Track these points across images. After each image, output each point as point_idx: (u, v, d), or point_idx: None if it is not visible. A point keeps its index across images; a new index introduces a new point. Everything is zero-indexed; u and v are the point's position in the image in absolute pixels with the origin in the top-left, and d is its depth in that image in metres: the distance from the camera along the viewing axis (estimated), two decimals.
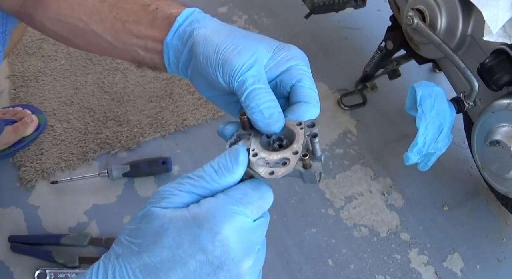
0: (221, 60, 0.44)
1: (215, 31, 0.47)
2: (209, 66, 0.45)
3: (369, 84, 1.30)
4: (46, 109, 1.20)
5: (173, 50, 0.50)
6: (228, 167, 0.40)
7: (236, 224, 0.37)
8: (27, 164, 1.09)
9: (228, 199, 0.38)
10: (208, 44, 0.45)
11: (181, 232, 0.36)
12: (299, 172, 0.39)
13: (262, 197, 0.39)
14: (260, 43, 0.45)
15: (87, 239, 0.96)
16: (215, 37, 0.46)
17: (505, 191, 0.86)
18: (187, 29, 0.49)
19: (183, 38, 0.49)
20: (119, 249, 0.38)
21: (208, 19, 0.50)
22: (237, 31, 0.47)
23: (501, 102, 0.80)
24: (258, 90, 0.42)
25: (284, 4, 1.57)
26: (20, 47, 1.35)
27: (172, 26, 0.50)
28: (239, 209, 0.37)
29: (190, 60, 0.50)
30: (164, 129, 1.18)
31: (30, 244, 0.97)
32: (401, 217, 1.07)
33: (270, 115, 0.42)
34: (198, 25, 0.49)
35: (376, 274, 0.98)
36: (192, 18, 0.50)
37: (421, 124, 0.83)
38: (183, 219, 0.37)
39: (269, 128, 0.42)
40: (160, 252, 0.36)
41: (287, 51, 0.45)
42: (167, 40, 0.50)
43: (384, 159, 1.17)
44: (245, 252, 0.37)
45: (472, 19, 0.87)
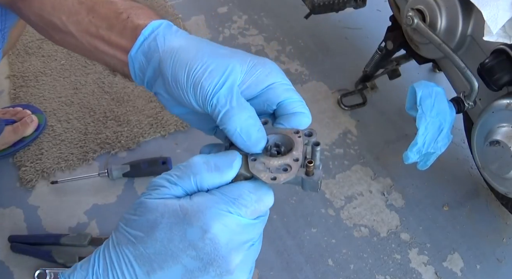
0: (192, 84, 0.42)
1: (183, 49, 0.45)
2: (180, 90, 0.43)
3: (369, 84, 1.30)
4: (46, 109, 1.20)
5: (138, 64, 0.49)
6: (220, 168, 0.40)
7: (227, 223, 0.37)
8: (27, 164, 1.09)
9: (222, 198, 0.38)
10: (176, 65, 0.44)
11: (172, 228, 0.38)
12: (301, 179, 0.40)
13: (260, 199, 0.39)
14: (231, 58, 0.43)
15: (87, 239, 0.96)
16: (183, 57, 0.44)
17: (505, 191, 0.85)
18: (152, 44, 0.47)
19: (147, 53, 0.47)
20: (117, 237, 0.40)
21: (174, 34, 0.47)
22: (206, 47, 0.45)
23: (501, 102, 0.80)
24: (232, 110, 0.41)
25: (284, 4, 1.57)
26: (20, 47, 1.35)
27: (137, 38, 0.48)
28: (232, 209, 0.38)
29: (155, 77, 0.48)
30: (164, 129, 1.18)
31: (30, 244, 0.97)
32: (401, 217, 1.07)
33: (248, 137, 0.41)
34: (164, 41, 0.46)
35: (376, 274, 0.98)
36: (158, 32, 0.47)
37: (421, 124, 0.83)
38: (175, 215, 0.38)
39: (250, 150, 0.42)
40: (153, 244, 0.38)
41: (262, 66, 0.44)
42: (131, 53, 0.48)
43: (384, 159, 1.17)
44: (235, 250, 0.38)
45: (472, 19, 0.87)
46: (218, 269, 0.37)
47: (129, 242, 0.39)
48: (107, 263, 0.39)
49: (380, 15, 1.50)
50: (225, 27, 1.48)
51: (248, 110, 0.42)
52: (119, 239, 0.39)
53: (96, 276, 0.39)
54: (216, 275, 0.38)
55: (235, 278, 0.38)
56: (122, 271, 0.38)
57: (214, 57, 0.43)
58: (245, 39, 1.44)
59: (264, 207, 0.40)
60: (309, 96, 1.29)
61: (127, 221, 0.40)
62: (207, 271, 0.37)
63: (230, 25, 1.49)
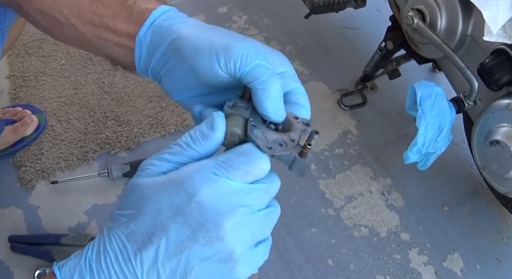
0: (222, 48, 0.41)
1: (199, 27, 0.45)
2: (201, 58, 0.43)
3: (369, 84, 1.30)
4: (46, 109, 1.20)
5: (146, 46, 0.48)
6: (204, 133, 0.39)
7: (215, 185, 0.37)
8: (27, 164, 1.09)
9: (208, 162, 0.38)
10: (197, 37, 0.43)
11: (159, 197, 0.37)
12: (292, 158, 0.40)
13: (251, 161, 0.38)
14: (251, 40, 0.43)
15: (87, 239, 0.96)
16: (203, 32, 0.44)
17: (505, 191, 0.86)
18: (164, 23, 0.47)
19: (158, 32, 0.47)
20: (110, 222, 0.39)
21: (185, 17, 0.49)
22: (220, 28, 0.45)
23: (501, 102, 0.80)
24: (274, 75, 0.41)
25: (284, 4, 1.57)
26: (20, 47, 1.35)
27: (146, 19, 0.48)
28: (219, 172, 0.37)
29: (165, 58, 0.47)
30: (164, 129, 1.18)
31: (30, 244, 0.97)
32: (401, 217, 1.07)
33: (278, 105, 0.41)
34: (176, 21, 0.47)
35: (376, 274, 0.98)
36: (169, 14, 0.49)
37: (421, 124, 0.83)
38: (161, 184, 0.38)
39: (272, 118, 0.41)
40: (143, 219, 0.37)
41: (276, 55, 0.45)
42: (140, 34, 0.48)
43: (384, 159, 1.17)
44: (225, 213, 0.36)
45: (472, 19, 0.87)
46: (207, 234, 0.36)
47: (121, 223, 0.38)
48: (100, 248, 0.38)
49: (380, 15, 1.50)
50: (225, 27, 1.48)
51: (280, 80, 0.41)
52: (112, 223, 0.39)
53: (89, 262, 0.38)
54: (206, 242, 0.36)
55: (228, 247, 0.36)
56: (115, 252, 0.37)
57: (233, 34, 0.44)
58: None
59: (257, 170, 0.39)
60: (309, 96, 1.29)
61: (118, 205, 0.39)
62: (196, 238, 0.36)
63: (230, 25, 1.49)
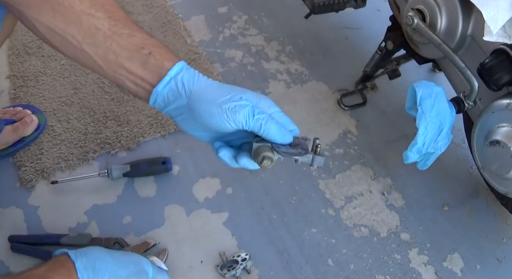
0: (231, 113, 0.55)
1: (207, 91, 0.57)
2: (215, 120, 0.56)
3: (369, 84, 1.30)
4: (46, 109, 1.20)
5: (162, 98, 0.59)
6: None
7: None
8: (27, 164, 1.09)
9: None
10: (210, 101, 0.56)
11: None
12: (311, 157, 0.59)
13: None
14: (246, 93, 0.58)
15: (87, 239, 0.96)
16: (212, 94, 0.56)
17: (505, 191, 0.86)
18: (179, 84, 0.58)
19: (175, 91, 0.58)
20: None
21: (196, 77, 0.58)
22: (222, 85, 0.58)
23: (501, 102, 0.80)
24: (270, 120, 0.57)
25: (284, 4, 1.57)
26: (20, 47, 1.35)
27: (163, 77, 0.57)
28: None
29: (180, 111, 0.59)
30: (164, 129, 1.18)
31: (30, 244, 0.97)
32: (401, 217, 1.07)
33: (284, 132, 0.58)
34: (189, 83, 0.58)
35: (376, 274, 0.98)
36: (183, 75, 0.58)
37: (421, 124, 0.83)
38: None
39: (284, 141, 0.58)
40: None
41: (265, 100, 0.59)
42: (158, 89, 0.58)
43: (384, 159, 1.17)
44: None
45: (472, 19, 0.87)
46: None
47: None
48: None
49: (380, 15, 1.50)
50: (225, 27, 1.48)
51: (275, 119, 0.58)
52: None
53: None
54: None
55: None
56: None
57: (235, 92, 0.57)
58: (245, 39, 1.45)
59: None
60: (309, 96, 1.29)
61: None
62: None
63: (230, 25, 1.49)
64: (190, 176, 1.11)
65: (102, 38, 0.57)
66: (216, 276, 0.94)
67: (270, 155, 0.56)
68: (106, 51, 0.57)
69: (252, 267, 0.95)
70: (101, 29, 0.57)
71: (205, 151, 1.15)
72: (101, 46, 0.57)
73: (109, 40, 0.57)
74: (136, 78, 0.59)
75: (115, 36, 0.57)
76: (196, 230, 1.01)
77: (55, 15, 0.57)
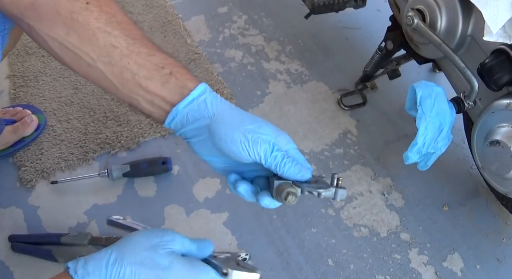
0: (252, 143, 0.54)
1: (231, 115, 0.56)
2: (235, 147, 0.54)
3: (369, 84, 1.30)
4: (46, 109, 1.20)
5: (181, 117, 0.57)
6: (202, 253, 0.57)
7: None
8: (27, 164, 1.09)
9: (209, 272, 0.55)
10: (231, 127, 0.55)
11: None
12: (334, 191, 0.59)
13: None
14: (268, 126, 0.56)
15: (88, 238, 0.96)
16: (235, 121, 0.55)
17: (505, 191, 0.85)
18: (202, 105, 0.56)
19: (196, 112, 0.56)
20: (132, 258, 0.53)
21: (219, 100, 0.57)
22: (244, 114, 0.57)
23: (501, 102, 0.80)
24: (290, 161, 0.55)
25: (284, 4, 1.57)
26: (20, 47, 1.35)
27: (185, 96, 0.56)
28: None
29: (197, 132, 0.57)
30: (164, 129, 1.18)
31: (30, 243, 0.97)
32: (401, 217, 1.07)
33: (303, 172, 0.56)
34: (213, 105, 0.56)
35: (376, 274, 0.98)
36: (206, 96, 0.56)
37: (421, 124, 0.83)
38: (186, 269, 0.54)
39: (304, 178, 0.57)
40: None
41: (283, 136, 0.56)
42: (178, 107, 0.56)
43: (384, 159, 1.17)
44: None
45: (472, 19, 0.87)
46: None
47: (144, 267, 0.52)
48: None
49: (380, 15, 1.50)
50: (225, 27, 1.48)
51: (292, 156, 0.56)
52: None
53: None
54: None
55: None
56: None
57: (258, 122, 0.56)
58: (245, 39, 1.44)
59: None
60: (309, 96, 1.29)
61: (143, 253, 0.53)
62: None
63: (230, 25, 1.49)
64: (190, 176, 1.11)
65: (118, 56, 0.55)
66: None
67: (294, 191, 0.55)
68: (122, 70, 0.56)
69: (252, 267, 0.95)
70: (118, 48, 0.55)
71: None
72: (117, 65, 0.55)
73: (126, 58, 0.55)
74: (154, 98, 0.57)
75: (133, 54, 0.55)
76: (196, 230, 1.01)
77: (69, 32, 0.55)
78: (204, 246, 0.57)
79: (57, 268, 0.94)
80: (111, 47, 0.55)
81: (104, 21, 0.56)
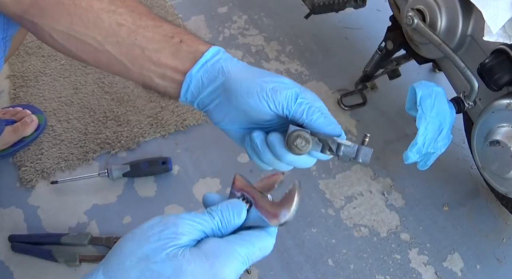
0: (272, 92, 0.49)
1: (248, 70, 0.52)
2: (253, 100, 0.50)
3: (369, 84, 1.30)
4: (46, 109, 1.20)
5: (196, 82, 0.53)
6: (231, 221, 0.46)
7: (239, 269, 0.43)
8: (27, 164, 1.09)
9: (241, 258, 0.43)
10: (248, 81, 0.50)
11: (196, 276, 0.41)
12: (356, 149, 0.49)
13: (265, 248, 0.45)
14: (290, 80, 0.52)
15: (88, 238, 0.96)
16: (252, 76, 0.51)
17: (505, 191, 0.86)
18: (216, 65, 0.52)
19: (210, 73, 0.53)
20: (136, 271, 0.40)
21: (235, 60, 0.54)
22: (266, 71, 0.52)
23: (501, 102, 0.80)
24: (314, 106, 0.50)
25: (284, 4, 1.57)
26: (20, 47, 1.35)
27: (198, 60, 0.53)
28: (243, 265, 0.43)
29: (214, 95, 0.53)
30: (164, 129, 1.18)
31: (30, 243, 0.97)
32: (401, 217, 1.07)
33: (332, 121, 0.51)
34: (227, 63, 0.53)
35: (376, 274, 0.98)
36: (220, 56, 0.53)
37: (421, 124, 0.83)
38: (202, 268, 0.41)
39: (335, 131, 0.50)
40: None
41: (311, 92, 0.52)
42: (192, 72, 0.53)
43: (384, 159, 1.17)
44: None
45: (472, 19, 0.87)
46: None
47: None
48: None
49: (380, 15, 1.50)
50: (225, 27, 1.48)
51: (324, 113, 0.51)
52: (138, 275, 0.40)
53: None
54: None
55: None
56: None
57: (278, 76, 0.51)
58: (245, 39, 1.44)
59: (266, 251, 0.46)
60: None
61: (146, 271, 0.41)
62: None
63: (230, 25, 1.49)
64: (190, 176, 1.11)
65: (125, 34, 0.54)
66: None
67: (308, 136, 0.48)
68: (130, 47, 0.54)
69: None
70: (124, 25, 0.54)
71: (205, 151, 1.15)
72: (125, 43, 0.54)
73: (133, 34, 0.54)
74: (166, 70, 0.54)
75: (140, 29, 0.54)
76: None
77: (73, 20, 0.55)
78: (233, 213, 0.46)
79: (57, 268, 0.94)
80: (117, 26, 0.54)
81: (108, 1, 0.55)
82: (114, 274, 0.40)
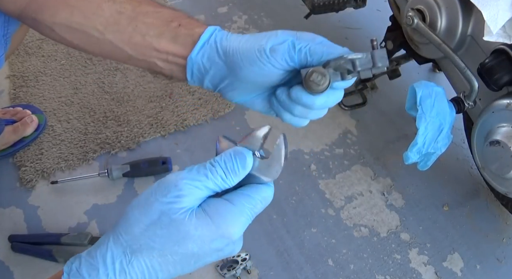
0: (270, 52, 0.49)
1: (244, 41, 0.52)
2: (255, 65, 0.50)
3: (369, 84, 1.30)
4: (46, 109, 1.20)
5: (197, 66, 0.54)
6: (236, 171, 0.46)
7: (245, 225, 0.47)
8: (27, 164, 1.09)
9: (245, 213, 0.47)
10: (245, 49, 0.50)
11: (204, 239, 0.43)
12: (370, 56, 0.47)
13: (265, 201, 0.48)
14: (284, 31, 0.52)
15: (88, 238, 0.96)
16: (249, 45, 0.51)
17: (505, 191, 0.86)
18: (213, 46, 0.53)
19: (209, 55, 0.53)
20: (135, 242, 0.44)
21: (230, 34, 0.54)
22: (259, 34, 0.52)
23: (501, 102, 0.80)
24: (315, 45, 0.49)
25: (284, 4, 1.57)
26: (20, 47, 1.35)
27: (196, 43, 0.53)
28: (248, 220, 0.47)
29: (221, 75, 0.53)
30: (164, 129, 1.18)
31: (30, 243, 0.97)
32: (401, 217, 1.07)
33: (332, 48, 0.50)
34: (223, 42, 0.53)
35: (376, 274, 0.98)
36: (216, 34, 0.54)
37: (421, 124, 0.83)
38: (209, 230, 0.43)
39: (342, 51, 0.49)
40: (184, 252, 0.43)
41: (306, 33, 0.51)
42: (191, 56, 0.53)
43: (384, 159, 1.17)
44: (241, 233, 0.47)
45: (472, 19, 0.87)
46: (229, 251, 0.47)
47: (153, 249, 0.43)
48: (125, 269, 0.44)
49: (380, 15, 1.50)
50: (225, 27, 1.48)
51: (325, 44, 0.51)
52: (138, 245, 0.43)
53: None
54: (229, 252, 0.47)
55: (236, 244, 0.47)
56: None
57: (270, 33, 0.51)
58: None
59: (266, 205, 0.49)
60: None
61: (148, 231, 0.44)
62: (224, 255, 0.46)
63: (230, 25, 1.49)
64: None
65: (126, 21, 0.55)
66: (216, 276, 0.94)
67: (321, 69, 0.47)
68: (131, 34, 0.55)
69: (252, 267, 0.95)
70: (124, 13, 0.55)
71: (205, 151, 1.15)
72: (126, 31, 0.55)
73: (133, 22, 0.55)
74: (168, 56, 0.55)
75: (140, 16, 0.55)
76: None
77: (73, 11, 0.55)
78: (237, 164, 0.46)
79: (57, 268, 0.94)
80: (117, 14, 0.55)
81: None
82: (126, 243, 0.44)
